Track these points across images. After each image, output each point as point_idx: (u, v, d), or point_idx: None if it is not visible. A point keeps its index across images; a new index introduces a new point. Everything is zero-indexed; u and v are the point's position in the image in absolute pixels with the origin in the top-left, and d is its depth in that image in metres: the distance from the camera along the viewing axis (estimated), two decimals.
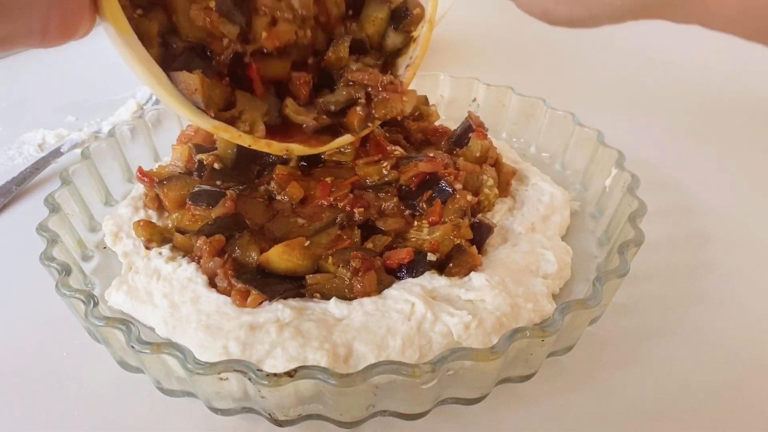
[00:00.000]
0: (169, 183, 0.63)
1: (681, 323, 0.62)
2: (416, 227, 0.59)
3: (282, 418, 0.49)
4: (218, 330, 0.50)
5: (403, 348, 0.49)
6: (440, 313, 0.51)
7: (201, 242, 0.56)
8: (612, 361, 0.58)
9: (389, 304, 0.52)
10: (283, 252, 0.53)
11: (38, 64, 1.27)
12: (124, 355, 0.53)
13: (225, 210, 0.58)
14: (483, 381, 0.49)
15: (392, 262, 0.56)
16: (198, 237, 0.56)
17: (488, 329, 0.51)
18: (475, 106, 0.88)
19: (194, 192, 0.61)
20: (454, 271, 0.56)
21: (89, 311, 0.48)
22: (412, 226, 0.60)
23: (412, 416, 0.51)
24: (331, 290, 0.54)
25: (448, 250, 0.57)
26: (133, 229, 0.61)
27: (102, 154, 0.73)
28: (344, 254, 0.55)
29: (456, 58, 1.30)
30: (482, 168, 0.67)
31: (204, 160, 0.65)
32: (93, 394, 0.55)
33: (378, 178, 0.64)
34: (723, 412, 0.53)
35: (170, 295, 0.55)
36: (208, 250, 0.55)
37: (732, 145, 0.94)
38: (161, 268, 0.57)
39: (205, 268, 0.56)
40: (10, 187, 0.82)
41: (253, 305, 0.52)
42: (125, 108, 1.03)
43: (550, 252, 0.60)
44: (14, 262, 0.71)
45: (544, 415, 0.53)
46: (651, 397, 0.54)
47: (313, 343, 0.48)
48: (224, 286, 0.54)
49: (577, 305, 0.48)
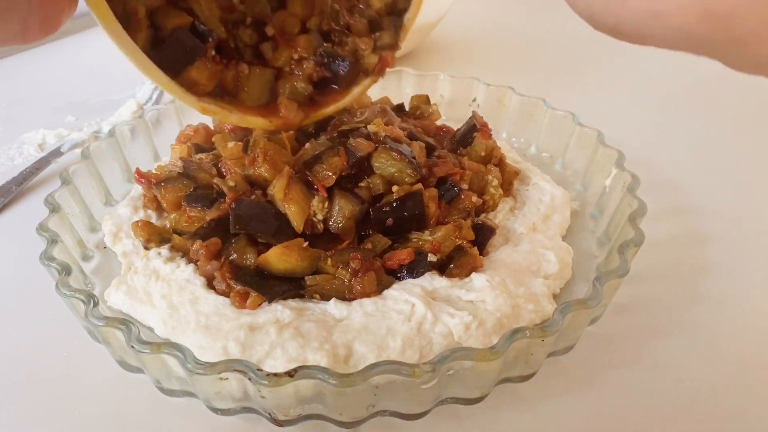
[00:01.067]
0: (167, 184, 0.63)
1: (681, 323, 0.62)
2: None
3: (282, 418, 0.49)
4: (217, 331, 0.50)
5: (403, 349, 0.49)
6: (440, 314, 0.51)
7: (197, 246, 0.55)
8: (612, 361, 0.58)
9: (389, 305, 0.52)
10: (281, 253, 0.53)
11: (38, 64, 1.27)
12: (124, 355, 0.53)
13: (220, 212, 0.57)
14: (483, 381, 0.49)
15: (392, 263, 0.56)
16: (194, 240, 0.56)
17: (489, 330, 0.51)
18: (475, 106, 0.88)
19: (189, 194, 0.61)
20: (455, 272, 0.55)
21: (89, 311, 0.48)
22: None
23: (412, 416, 0.51)
24: (330, 291, 0.54)
25: (449, 251, 0.56)
26: (132, 230, 0.61)
27: (102, 154, 0.73)
28: (343, 255, 0.54)
29: (456, 58, 1.30)
30: (487, 168, 0.67)
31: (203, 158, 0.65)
32: (93, 394, 0.55)
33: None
34: (723, 412, 0.53)
35: (169, 296, 0.54)
36: (204, 254, 0.55)
37: (732, 145, 0.94)
38: (160, 268, 0.57)
39: (202, 271, 0.55)
40: (10, 187, 0.82)
41: (252, 307, 0.52)
42: (125, 108, 1.03)
43: (551, 252, 0.60)
44: (14, 262, 0.71)
45: (544, 415, 0.53)
46: (651, 397, 0.54)
47: (312, 343, 0.48)
48: (222, 288, 0.54)
49: (577, 305, 0.48)
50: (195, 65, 0.56)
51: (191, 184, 0.62)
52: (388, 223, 0.57)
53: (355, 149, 0.58)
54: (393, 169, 0.59)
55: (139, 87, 1.08)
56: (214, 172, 0.63)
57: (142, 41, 0.53)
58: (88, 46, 1.33)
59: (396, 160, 0.59)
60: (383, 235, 0.58)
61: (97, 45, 1.33)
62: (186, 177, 0.63)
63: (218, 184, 0.60)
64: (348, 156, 0.58)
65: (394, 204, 0.57)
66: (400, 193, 0.58)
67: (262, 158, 0.58)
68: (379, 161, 0.59)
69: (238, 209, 0.55)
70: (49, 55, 1.29)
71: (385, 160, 0.59)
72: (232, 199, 0.56)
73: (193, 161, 0.66)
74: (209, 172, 0.63)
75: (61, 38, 1.35)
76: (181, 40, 0.55)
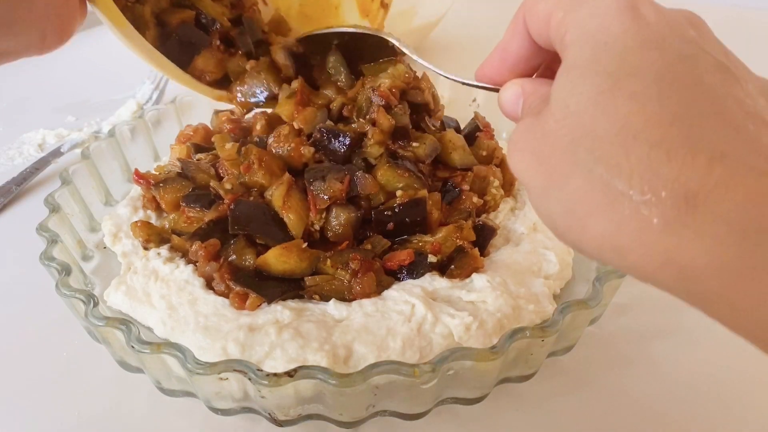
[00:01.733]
0: (165, 185, 0.63)
1: (681, 323, 0.62)
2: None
3: (282, 418, 0.49)
4: (216, 332, 0.50)
5: (403, 349, 0.49)
6: (441, 314, 0.51)
7: (196, 247, 0.55)
8: (612, 361, 0.58)
9: (389, 306, 0.52)
10: (280, 254, 0.53)
11: (38, 64, 1.26)
12: (124, 355, 0.53)
13: (218, 213, 0.57)
14: (483, 381, 0.49)
15: (392, 264, 0.55)
16: (192, 241, 0.56)
17: (489, 330, 0.50)
18: (475, 106, 0.88)
19: (188, 194, 0.61)
20: (455, 273, 0.55)
21: (89, 311, 0.48)
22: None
23: (412, 416, 0.51)
24: (330, 292, 0.54)
25: (449, 252, 0.56)
26: (131, 230, 0.61)
27: (102, 154, 0.72)
28: (343, 256, 0.54)
29: (456, 58, 1.30)
30: (489, 168, 0.67)
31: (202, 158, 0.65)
32: (93, 394, 0.55)
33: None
34: (723, 412, 0.53)
35: (168, 296, 0.54)
36: (203, 255, 0.54)
37: None
38: (159, 269, 0.57)
39: (201, 272, 0.55)
40: (10, 187, 0.82)
41: (251, 308, 0.52)
42: (125, 108, 1.03)
43: (551, 252, 0.59)
44: (14, 262, 0.71)
45: (544, 415, 0.53)
46: (651, 397, 0.54)
47: (312, 344, 0.48)
48: (222, 289, 0.54)
49: (577, 305, 0.48)
50: (202, 55, 0.59)
51: (189, 184, 0.62)
52: (389, 226, 0.57)
53: (360, 184, 0.57)
54: (400, 185, 0.58)
55: (139, 87, 1.08)
56: (213, 172, 0.63)
57: (150, 39, 0.55)
58: (88, 46, 1.33)
59: (404, 177, 0.58)
60: (383, 236, 0.57)
61: (97, 45, 1.33)
62: (184, 178, 0.63)
63: (215, 187, 0.60)
64: (350, 187, 0.56)
65: (397, 209, 0.57)
66: (403, 198, 0.57)
67: (257, 165, 0.58)
68: (385, 178, 0.58)
69: (237, 210, 0.55)
70: (49, 55, 1.29)
71: (391, 177, 0.58)
72: (231, 201, 0.56)
73: (192, 162, 0.66)
74: (207, 173, 0.63)
75: None
76: (186, 33, 0.58)
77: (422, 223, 0.57)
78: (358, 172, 0.57)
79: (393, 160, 0.59)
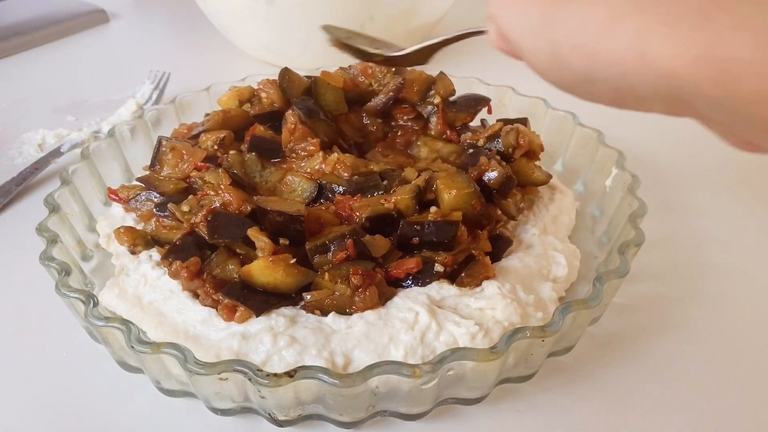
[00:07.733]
0: (136, 201, 0.61)
1: (681, 323, 0.62)
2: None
3: (282, 418, 0.49)
4: (207, 340, 0.50)
5: (405, 358, 0.48)
6: (445, 323, 0.49)
7: (176, 267, 0.52)
8: (612, 361, 0.57)
9: (392, 313, 0.50)
10: (266, 267, 0.50)
11: (38, 64, 1.26)
12: (124, 355, 0.53)
13: (190, 226, 0.55)
14: (483, 381, 0.49)
15: (399, 272, 0.53)
16: (171, 261, 0.53)
17: (494, 339, 0.49)
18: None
19: (158, 203, 0.59)
20: (466, 281, 0.53)
21: (89, 311, 0.48)
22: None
23: (413, 416, 0.51)
24: (330, 306, 0.51)
25: (460, 260, 0.54)
26: (115, 237, 0.59)
27: (102, 154, 0.72)
28: (341, 269, 0.51)
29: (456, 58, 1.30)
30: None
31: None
32: (93, 394, 0.55)
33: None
34: (723, 412, 0.53)
35: (156, 302, 0.54)
36: (186, 276, 0.52)
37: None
38: (148, 273, 0.56)
39: (185, 287, 0.53)
40: (10, 187, 0.82)
41: (240, 321, 0.50)
42: (125, 108, 1.02)
43: (561, 255, 0.59)
44: (14, 262, 0.71)
45: (544, 415, 0.53)
46: (651, 397, 0.54)
47: (310, 350, 0.48)
48: (208, 303, 0.52)
49: (578, 305, 0.48)
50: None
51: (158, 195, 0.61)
52: (414, 240, 0.54)
53: (371, 248, 0.53)
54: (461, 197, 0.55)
55: (138, 87, 1.08)
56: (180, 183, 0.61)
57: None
58: (88, 46, 1.33)
59: (465, 191, 0.55)
60: (398, 247, 0.55)
61: (97, 45, 1.33)
62: (152, 189, 0.61)
63: (173, 210, 0.57)
64: (356, 250, 0.52)
65: (426, 226, 0.53)
66: (436, 216, 0.54)
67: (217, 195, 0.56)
68: (447, 191, 0.56)
69: (215, 221, 0.53)
70: (49, 55, 1.29)
71: (449, 189, 0.56)
72: (205, 215, 0.53)
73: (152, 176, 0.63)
74: (175, 179, 0.62)
75: (61, 38, 1.34)
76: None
77: (449, 245, 0.54)
78: (367, 238, 0.53)
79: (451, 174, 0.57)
